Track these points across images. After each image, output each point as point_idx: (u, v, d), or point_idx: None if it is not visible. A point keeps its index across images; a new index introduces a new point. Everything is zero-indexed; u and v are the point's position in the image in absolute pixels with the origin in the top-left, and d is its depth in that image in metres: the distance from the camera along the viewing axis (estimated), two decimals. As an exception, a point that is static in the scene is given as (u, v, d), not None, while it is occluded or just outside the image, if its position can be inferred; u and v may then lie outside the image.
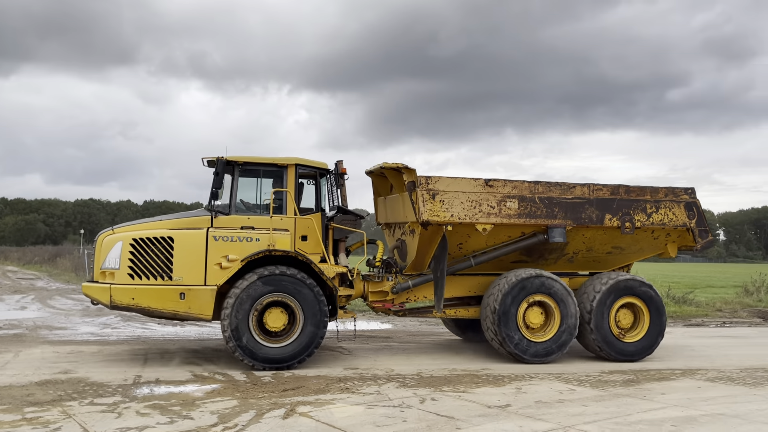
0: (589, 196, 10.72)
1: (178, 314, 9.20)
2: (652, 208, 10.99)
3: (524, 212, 10.35)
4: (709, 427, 6.40)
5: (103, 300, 9.04)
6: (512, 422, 6.47)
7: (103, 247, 9.20)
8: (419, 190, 9.88)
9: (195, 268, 9.09)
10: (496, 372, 9.20)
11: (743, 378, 9.17)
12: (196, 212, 9.80)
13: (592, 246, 11.08)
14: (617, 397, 7.77)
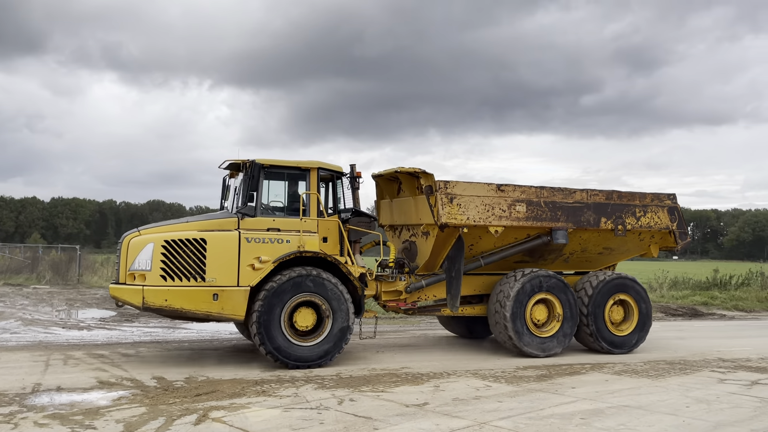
0: (587, 200, 11.46)
1: (211, 315, 9.20)
2: (641, 212, 11.84)
3: (531, 215, 10.96)
4: (615, 419, 6.66)
5: (134, 301, 8.97)
6: (429, 420, 6.50)
7: (131, 248, 9.16)
8: (438, 194, 10.28)
9: (228, 269, 9.12)
10: (416, 370, 9.24)
11: (647, 371, 9.64)
12: (219, 214, 9.97)
13: (587, 247, 11.81)
14: (531, 392, 7.97)
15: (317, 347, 9.36)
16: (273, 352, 9.05)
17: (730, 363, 10.49)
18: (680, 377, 9.17)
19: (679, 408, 7.22)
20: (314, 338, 9.40)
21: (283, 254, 9.30)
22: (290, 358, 9.15)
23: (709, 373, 9.52)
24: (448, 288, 10.80)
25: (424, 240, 10.80)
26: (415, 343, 12.08)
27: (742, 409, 7.25)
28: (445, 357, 10.50)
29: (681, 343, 12.84)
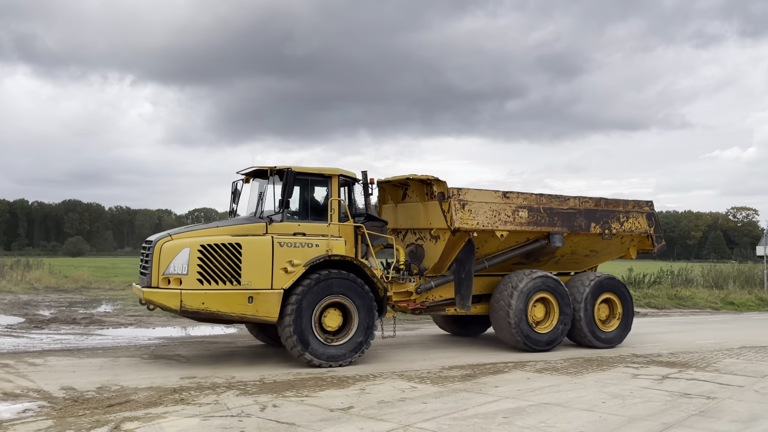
0: (579, 207, 12.37)
1: (246, 317, 9.47)
2: (624, 217, 12.86)
3: (532, 220, 11.75)
4: (536, 417, 6.80)
5: (171, 305, 9.08)
6: (354, 425, 6.41)
7: (165, 253, 9.24)
8: (452, 201, 10.91)
9: (262, 272, 9.39)
10: (341, 373, 9.13)
11: (566, 368, 9.92)
12: (246, 219, 10.22)
13: (576, 249, 12.69)
14: (455, 392, 8.03)
15: (346, 346, 9.82)
16: (305, 351, 9.42)
17: (643, 358, 10.96)
18: (597, 373, 9.49)
19: (596, 404, 7.45)
20: (342, 338, 9.85)
21: (313, 258, 9.68)
22: (321, 357, 9.55)
23: (624, 369, 9.90)
24: (458, 288, 11.43)
25: (433, 243, 11.42)
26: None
27: (653, 403, 7.56)
28: (372, 359, 10.44)
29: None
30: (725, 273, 27.78)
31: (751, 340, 13.55)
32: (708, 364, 10.42)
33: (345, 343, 9.81)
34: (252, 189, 11.09)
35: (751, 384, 8.82)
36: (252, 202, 10.84)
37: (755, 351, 12.05)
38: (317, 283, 9.59)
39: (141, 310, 17.25)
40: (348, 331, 9.89)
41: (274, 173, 10.05)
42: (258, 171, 10.46)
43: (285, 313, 9.42)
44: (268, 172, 10.11)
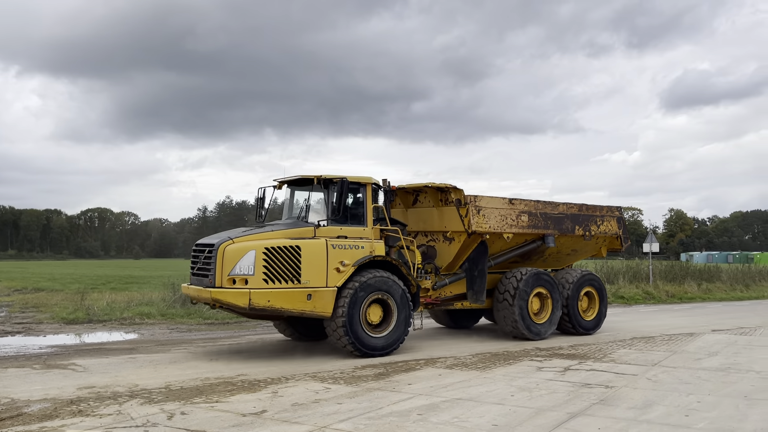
0: (567, 212, 13.97)
1: (305, 313, 10.28)
2: (600, 221, 14.63)
3: (531, 224, 13.19)
4: (450, 413, 6.90)
5: (240, 303, 9.76)
6: (268, 429, 6.25)
7: (229, 255, 9.93)
8: (470, 206, 12.10)
9: (319, 272, 10.27)
10: (253, 377, 8.90)
11: (475, 363, 10.18)
12: (293, 223, 11.01)
13: (561, 249, 14.19)
14: (370, 391, 8.02)
15: (388, 337, 10.82)
16: (355, 343, 10.33)
17: (546, 352, 11.44)
18: (505, 368, 9.80)
19: (505, 397, 7.68)
20: (383, 330, 10.83)
21: (360, 258, 10.68)
22: (368, 348, 10.49)
23: (529, 363, 10.28)
24: (471, 284, 12.71)
25: (447, 245, 12.59)
26: (251, 349, 11.68)
27: (558, 394, 7.89)
28: (284, 361, 10.26)
29: (500, 336, 13.74)
30: (615, 269, 29.56)
31: (641, 331, 14.49)
32: (605, 355, 11.03)
33: (387, 335, 10.81)
34: (289, 195, 12.01)
35: (643, 372, 9.42)
36: (293, 208, 11.83)
37: (645, 341, 12.89)
38: (365, 282, 10.55)
39: (29, 317, 16.08)
40: (388, 324, 10.88)
41: (321, 182, 10.97)
42: (300, 179, 11.37)
43: (337, 308, 10.31)
44: (315, 180, 10.98)
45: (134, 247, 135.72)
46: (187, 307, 16.96)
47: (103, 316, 15.78)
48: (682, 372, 9.45)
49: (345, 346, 10.40)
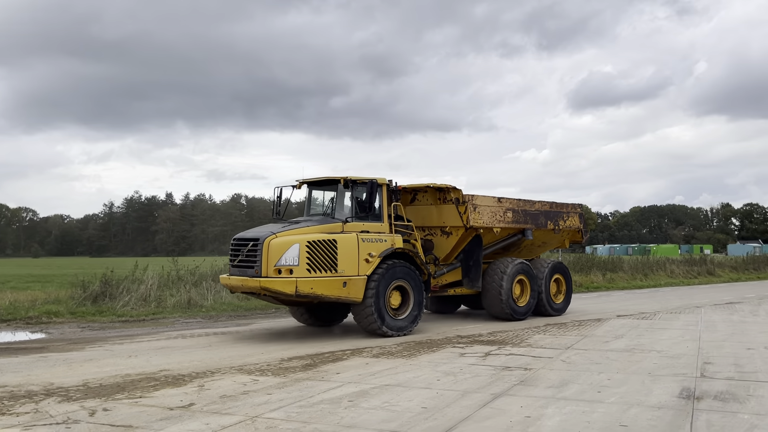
0: (541, 209, 15.87)
1: (341, 299, 11.61)
2: (566, 216, 16.61)
3: (515, 219, 15.01)
4: (379, 398, 7.05)
5: (287, 290, 10.98)
6: (198, 421, 6.15)
7: (274, 248, 11.11)
8: (468, 204, 13.64)
9: (352, 262, 11.61)
10: (176, 372, 8.69)
11: (400, 351, 10.39)
12: (323, 219, 12.33)
13: (534, 242, 15.99)
14: (299, 381, 8.04)
15: (407, 318, 12.36)
16: (382, 325, 11.80)
17: (467, 339, 11.84)
18: (429, 355, 10.07)
19: (432, 382, 7.92)
20: (403, 312, 12.36)
21: (384, 250, 12.08)
22: (392, 329, 11.99)
23: (452, 349, 10.62)
24: (466, 273, 14.42)
25: (445, 238, 14.13)
26: (172, 345, 11.36)
27: (481, 377, 8.22)
28: (207, 356, 10.07)
29: (424, 325, 14.07)
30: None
31: (553, 319, 15.25)
32: (522, 341, 11.55)
33: (406, 317, 12.36)
34: (307, 194, 13.51)
35: (558, 355, 9.95)
36: (312, 206, 13.42)
37: (557, 327, 13.59)
38: (388, 270, 12.00)
39: None
40: (407, 307, 12.41)
41: (347, 183, 12.38)
42: (328, 179, 12.78)
43: (367, 294, 11.66)
44: (341, 181, 12.41)
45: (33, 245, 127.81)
46: (99, 305, 16.26)
47: (7, 315, 14.84)
48: (593, 353, 10.07)
49: (374, 328, 11.79)
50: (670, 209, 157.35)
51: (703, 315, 16.08)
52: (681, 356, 9.76)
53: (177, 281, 18.25)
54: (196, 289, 17.72)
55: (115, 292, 16.84)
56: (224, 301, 17.58)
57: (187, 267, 19.00)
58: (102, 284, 16.93)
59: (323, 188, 13.38)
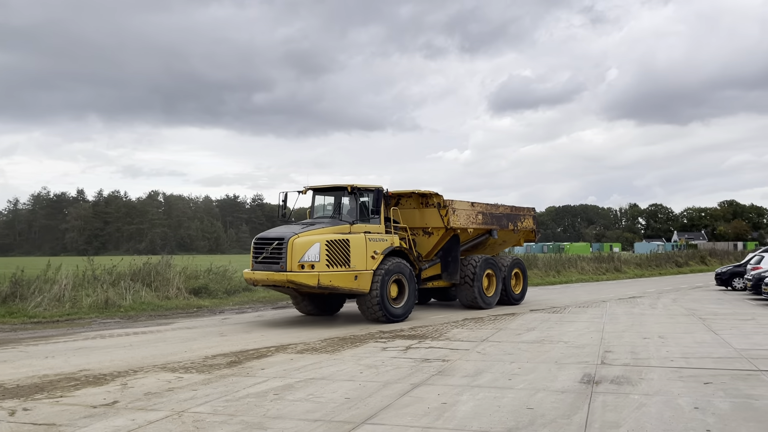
0: (503, 212, 18.42)
1: (353, 290, 13.50)
2: (523, 219, 19.20)
3: (484, 221, 17.45)
4: (305, 391, 7.30)
5: (310, 283, 12.80)
6: (123, 417, 6.20)
7: (298, 247, 12.91)
8: (449, 208, 15.86)
9: (361, 258, 13.53)
10: (96, 371, 8.60)
11: (324, 347, 10.66)
12: (333, 221, 14.13)
13: (497, 241, 18.43)
14: (224, 377, 8.16)
15: (404, 307, 14.34)
16: (385, 314, 13.79)
17: (389, 334, 12.25)
18: (352, 349, 10.40)
19: (355, 375, 8.24)
20: (400, 302, 14.27)
21: (386, 248, 14.11)
22: (392, 316, 13.92)
23: (374, 344, 10.99)
24: (445, 267, 16.59)
25: (426, 238, 16.25)
26: (90, 345, 11.13)
27: (402, 369, 8.62)
28: (129, 355, 9.97)
29: (349, 321, 14.42)
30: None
31: (471, 314, 15.94)
32: (441, 335, 12.08)
33: (403, 305, 14.30)
34: (312, 199, 15.40)
35: (474, 347, 10.52)
36: (315, 210, 15.27)
37: (474, 321, 14.25)
38: (390, 266, 13.96)
39: None
40: (403, 297, 14.34)
41: (353, 190, 14.27)
42: (336, 186, 14.72)
43: (373, 287, 13.59)
44: (348, 188, 14.26)
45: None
46: (9, 306, 15.59)
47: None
48: (506, 345, 10.70)
49: (378, 315, 13.70)
50: (583, 209, 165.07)
51: (608, 308, 17.26)
52: (585, 346, 10.54)
53: (93, 281, 17.71)
54: (114, 289, 17.26)
55: (26, 292, 16.18)
56: (143, 301, 17.24)
57: (103, 266, 18.47)
58: (12, 284, 16.23)
59: (327, 194, 15.24)
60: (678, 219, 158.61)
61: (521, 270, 19.00)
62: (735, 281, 24.95)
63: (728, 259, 48.39)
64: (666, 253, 52.38)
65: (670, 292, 24.22)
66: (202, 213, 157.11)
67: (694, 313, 15.76)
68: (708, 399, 6.73)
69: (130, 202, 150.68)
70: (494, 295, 17.44)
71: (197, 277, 19.98)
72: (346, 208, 14.55)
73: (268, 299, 19.71)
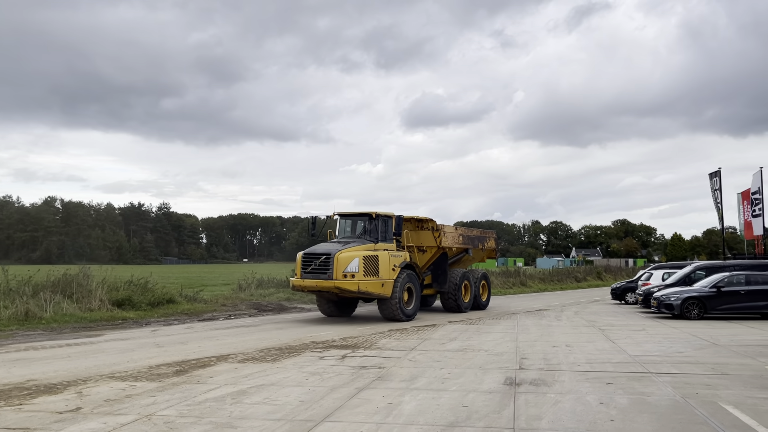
0: (475, 234, 23.36)
1: (380, 295, 17.53)
2: (489, 240, 24.26)
3: (464, 242, 22.05)
4: (260, 395, 7.90)
5: (353, 288, 16.95)
6: (94, 421, 6.58)
7: (342, 260, 16.99)
8: (441, 231, 20.27)
9: (387, 270, 17.64)
10: (45, 381, 8.77)
11: (264, 357, 11.21)
12: (361, 241, 18.26)
13: (471, 257, 23.07)
14: (176, 385, 8.58)
15: (413, 309, 18.55)
16: (402, 313, 17.83)
17: (322, 344, 12.94)
18: (292, 359, 11.02)
19: (302, 381, 8.91)
20: (410, 305, 18.46)
21: (402, 262, 18.37)
22: (406, 315, 18.04)
23: (311, 354, 11.65)
24: (436, 279, 21.03)
25: (421, 254, 20.47)
26: (26, 357, 11.10)
27: (343, 375, 9.37)
28: (71, 365, 10.11)
29: (281, 332, 14.96)
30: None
31: (396, 325, 16.89)
32: (371, 345, 12.90)
33: (412, 308, 18.51)
34: (339, 222, 19.70)
35: (404, 355, 11.42)
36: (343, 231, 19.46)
37: (400, 332, 15.19)
38: (405, 276, 18.13)
39: None
40: (412, 301, 18.54)
41: (376, 216, 18.50)
42: (362, 213, 19.05)
43: (394, 292, 17.63)
44: (373, 215, 18.54)
45: None
46: None
47: None
48: (433, 353, 11.68)
49: (397, 315, 17.71)
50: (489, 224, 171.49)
51: (519, 320, 18.74)
52: (503, 353, 11.70)
53: (9, 292, 17.20)
54: (33, 301, 16.86)
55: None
56: (66, 313, 16.96)
57: (19, 277, 17.95)
58: None
59: (352, 218, 19.38)
60: (576, 236, 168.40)
61: (487, 281, 23.51)
62: (628, 296, 27.43)
63: (621, 275, 52.38)
64: (567, 269, 55.91)
65: (572, 305, 26.29)
66: (103, 221, 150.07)
67: (594, 325, 17.48)
68: (610, 396, 7.95)
69: (23, 208, 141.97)
70: (469, 302, 21.83)
71: (118, 289, 19.76)
72: (370, 230, 18.53)
73: (193, 311, 19.81)
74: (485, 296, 23.34)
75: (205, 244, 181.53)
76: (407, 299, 18.25)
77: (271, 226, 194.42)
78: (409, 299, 18.36)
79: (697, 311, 19.02)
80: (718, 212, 32.49)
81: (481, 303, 22.83)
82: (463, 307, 21.20)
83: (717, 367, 10.16)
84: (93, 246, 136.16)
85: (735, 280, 19.44)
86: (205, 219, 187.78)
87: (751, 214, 30.26)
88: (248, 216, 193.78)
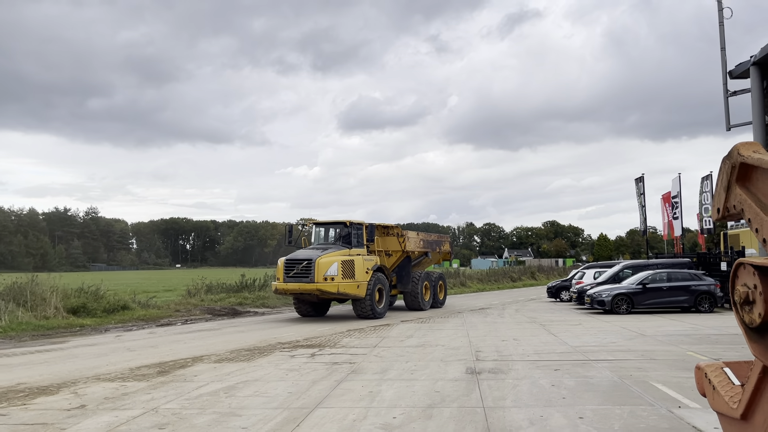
0: (434, 239, 25.34)
1: (356, 296, 19.42)
2: (444, 244, 26.30)
3: (424, 246, 24.04)
4: (250, 389, 8.62)
5: (332, 290, 18.77)
6: (107, 414, 7.16)
7: (322, 265, 18.91)
8: (405, 237, 22.22)
9: (361, 273, 19.57)
10: (36, 384, 9.18)
11: (237, 357, 11.85)
12: (337, 246, 20.20)
13: (430, 260, 25.10)
14: (165, 383, 9.17)
15: (383, 308, 20.46)
16: (374, 312, 19.69)
17: (288, 345, 13.66)
18: (265, 358, 11.72)
19: (283, 376, 9.66)
20: (381, 304, 20.31)
21: (374, 266, 20.33)
22: (378, 313, 19.88)
23: (281, 353, 12.37)
24: (400, 280, 22.93)
25: (388, 258, 22.25)
26: (5, 363, 11.33)
27: (320, 371, 10.17)
28: (53, 369, 10.47)
29: (244, 335, 15.56)
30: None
31: (354, 325, 17.75)
32: (335, 344, 13.73)
33: (382, 307, 20.36)
34: (314, 230, 22.01)
35: (369, 352, 12.32)
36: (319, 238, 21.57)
37: (359, 332, 16.07)
38: (376, 278, 20.01)
39: None
40: (382, 301, 20.40)
41: (350, 224, 20.77)
42: (337, 222, 21.30)
43: (367, 293, 19.48)
44: (347, 223, 20.82)
45: None
46: None
47: None
48: (396, 349, 12.64)
49: (369, 314, 19.57)
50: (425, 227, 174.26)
51: (466, 318, 19.97)
52: (459, 348, 12.79)
53: (-40, 301, 17.01)
54: (-13, 309, 16.74)
55: None
56: (21, 321, 16.94)
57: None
58: None
59: (326, 226, 21.56)
60: (509, 237, 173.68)
61: (443, 282, 25.98)
62: (563, 294, 29.30)
63: (554, 275, 55.05)
64: (502, 269, 58.17)
65: (512, 303, 27.88)
66: (26, 227, 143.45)
67: (535, 321, 18.91)
68: (559, 379, 9.12)
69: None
70: (429, 300, 24.02)
71: (70, 296, 19.74)
72: (344, 237, 20.62)
73: (149, 317, 20.03)
74: (442, 295, 25.55)
75: (135, 249, 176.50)
76: (378, 299, 20.17)
77: (205, 230, 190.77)
78: (380, 299, 20.28)
79: (626, 306, 20.83)
80: (641, 215, 35.00)
81: (439, 301, 25.09)
82: (422, 306, 23.17)
83: (646, 354, 11.58)
84: (15, 253, 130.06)
85: (658, 277, 21.38)
86: (135, 224, 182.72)
87: (671, 216, 32.86)
88: (180, 220, 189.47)
